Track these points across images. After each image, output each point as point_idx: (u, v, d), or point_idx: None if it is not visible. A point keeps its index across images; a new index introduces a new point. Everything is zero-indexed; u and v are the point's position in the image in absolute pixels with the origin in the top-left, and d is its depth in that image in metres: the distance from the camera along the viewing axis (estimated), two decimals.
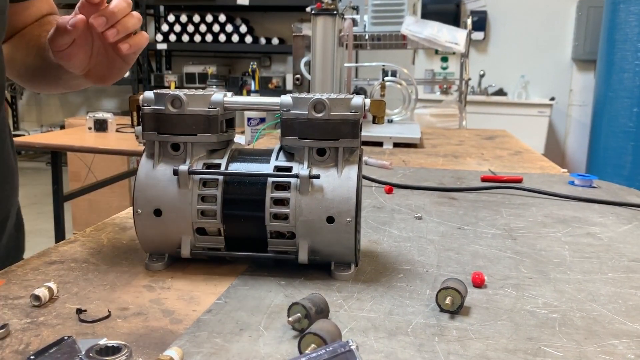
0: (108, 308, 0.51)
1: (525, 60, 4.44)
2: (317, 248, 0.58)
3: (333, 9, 1.51)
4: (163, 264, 0.61)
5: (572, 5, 4.34)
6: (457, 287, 0.52)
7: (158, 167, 0.60)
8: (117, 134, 2.48)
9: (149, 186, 0.59)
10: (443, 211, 0.88)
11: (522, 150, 1.57)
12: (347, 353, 0.38)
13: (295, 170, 0.58)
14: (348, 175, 0.58)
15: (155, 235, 0.60)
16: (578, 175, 1.11)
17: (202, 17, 4.48)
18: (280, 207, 0.57)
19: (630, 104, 3.35)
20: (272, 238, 0.59)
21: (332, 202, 0.57)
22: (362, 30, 1.95)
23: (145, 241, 0.61)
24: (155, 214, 0.59)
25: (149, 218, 0.59)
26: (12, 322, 0.48)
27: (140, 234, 0.60)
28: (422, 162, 1.34)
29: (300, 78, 1.88)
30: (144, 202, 0.59)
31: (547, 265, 0.65)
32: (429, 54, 4.47)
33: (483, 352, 0.45)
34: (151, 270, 0.61)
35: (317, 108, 0.57)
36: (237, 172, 0.59)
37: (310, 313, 0.46)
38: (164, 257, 0.61)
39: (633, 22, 3.30)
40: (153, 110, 0.59)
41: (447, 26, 1.92)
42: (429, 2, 3.93)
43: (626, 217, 0.87)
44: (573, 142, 4.57)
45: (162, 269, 0.61)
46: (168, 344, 0.45)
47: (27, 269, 0.61)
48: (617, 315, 0.52)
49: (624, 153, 3.40)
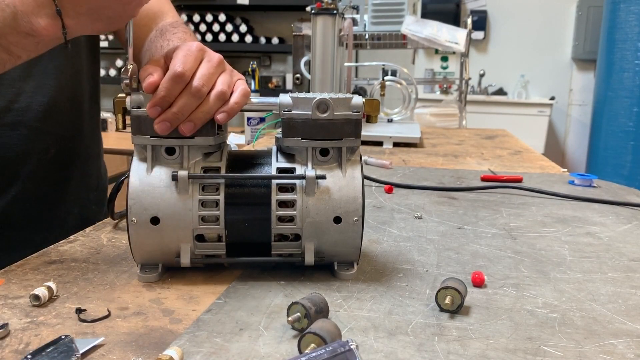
0: (108, 308, 0.51)
1: (525, 59, 4.44)
2: (323, 249, 0.58)
3: (333, 8, 1.51)
4: (157, 275, 0.58)
5: (572, 5, 4.34)
6: (457, 287, 0.52)
7: (153, 173, 0.56)
8: (117, 133, 2.49)
9: (145, 193, 0.55)
10: (443, 211, 0.88)
11: (522, 149, 1.57)
12: (347, 353, 0.38)
13: (298, 171, 0.58)
14: (353, 175, 0.58)
15: (151, 244, 0.56)
16: (578, 175, 1.11)
17: (202, 16, 4.48)
18: (285, 209, 0.57)
19: (630, 104, 3.34)
20: (276, 241, 0.58)
21: (339, 202, 0.57)
22: (362, 30, 1.94)
23: (139, 252, 0.57)
24: (152, 222, 0.55)
25: (145, 227, 0.55)
26: (12, 322, 0.48)
27: (134, 244, 0.56)
28: (422, 161, 1.34)
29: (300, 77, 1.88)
30: (140, 210, 0.55)
31: (547, 265, 0.65)
32: (429, 53, 4.47)
33: (483, 351, 0.45)
34: (145, 282, 0.58)
35: (321, 108, 0.57)
36: (241, 176, 0.58)
37: (309, 313, 0.46)
38: (157, 267, 0.58)
39: (633, 21, 3.30)
40: (145, 112, 0.55)
41: (447, 26, 1.92)
42: (429, 2, 3.93)
43: (626, 217, 0.87)
44: (573, 141, 4.57)
45: (156, 280, 0.58)
46: (168, 344, 0.45)
47: (27, 269, 0.61)
48: (616, 315, 0.52)
49: (623, 153, 3.40)
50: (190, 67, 0.55)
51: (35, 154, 0.82)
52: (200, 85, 0.55)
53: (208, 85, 0.55)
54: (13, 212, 0.82)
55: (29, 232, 0.84)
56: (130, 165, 0.57)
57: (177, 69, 0.54)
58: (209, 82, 0.55)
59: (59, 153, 0.86)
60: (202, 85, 0.55)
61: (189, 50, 0.56)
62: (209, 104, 0.55)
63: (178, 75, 0.54)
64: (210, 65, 0.56)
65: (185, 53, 0.56)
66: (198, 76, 0.55)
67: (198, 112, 0.55)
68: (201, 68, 0.56)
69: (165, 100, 0.54)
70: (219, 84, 0.56)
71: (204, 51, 0.58)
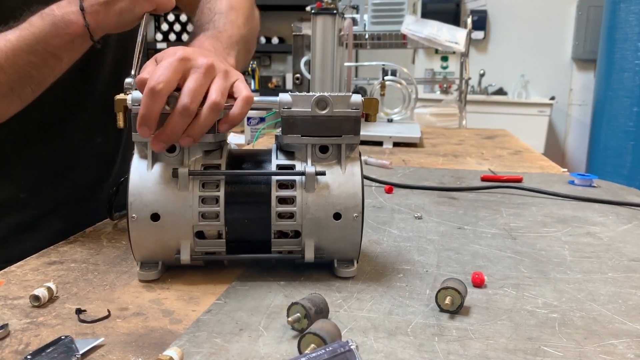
0: (107, 308, 0.51)
1: (525, 59, 4.44)
2: (323, 245, 0.58)
3: (333, 8, 1.51)
4: (157, 273, 0.58)
5: (572, 5, 4.34)
6: (457, 287, 0.52)
7: (153, 170, 0.57)
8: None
9: (145, 189, 0.56)
10: (443, 211, 0.88)
11: (522, 149, 1.57)
12: (347, 353, 0.38)
13: (298, 168, 0.58)
14: (352, 172, 0.58)
15: (151, 241, 0.56)
16: (578, 175, 1.11)
17: None
18: (285, 205, 0.57)
19: (630, 104, 3.34)
20: (276, 238, 0.58)
21: (339, 199, 0.57)
22: (362, 30, 1.94)
23: (139, 249, 0.57)
24: (152, 218, 0.56)
25: (146, 223, 0.56)
26: (12, 322, 0.48)
27: (134, 241, 0.57)
28: (422, 161, 1.34)
29: (300, 77, 1.88)
30: (140, 207, 0.55)
31: (547, 265, 0.65)
32: (428, 53, 4.47)
33: (483, 352, 0.45)
34: (144, 280, 0.58)
35: (320, 105, 0.57)
36: (241, 172, 0.58)
37: (310, 313, 0.46)
38: (157, 265, 0.59)
39: (633, 21, 3.30)
40: None
41: (447, 25, 1.92)
42: (429, 2, 3.93)
43: (626, 217, 0.87)
44: (573, 141, 4.57)
45: (157, 277, 0.58)
46: (168, 344, 0.45)
47: (27, 269, 0.61)
48: (617, 315, 0.52)
49: (623, 152, 3.40)
50: (166, 79, 0.52)
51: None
52: (187, 103, 0.52)
53: (196, 100, 0.53)
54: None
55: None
56: (130, 163, 0.57)
57: (151, 83, 0.52)
58: (196, 96, 0.53)
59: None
60: (189, 103, 0.52)
61: (169, 62, 0.53)
62: (202, 118, 0.54)
63: (151, 90, 0.52)
64: (198, 76, 0.54)
65: (165, 65, 0.53)
66: (184, 92, 0.53)
67: (193, 127, 0.54)
68: (188, 81, 0.53)
69: (147, 117, 0.53)
70: (212, 94, 0.54)
71: (187, 60, 0.54)
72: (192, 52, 0.55)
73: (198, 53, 0.56)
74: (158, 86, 0.52)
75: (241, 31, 0.78)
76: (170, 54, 0.55)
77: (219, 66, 0.56)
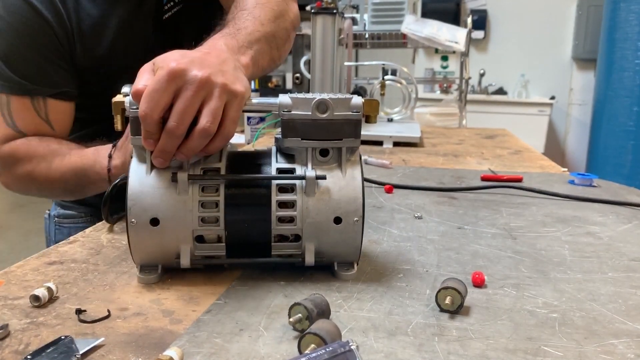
0: (108, 308, 0.51)
1: (525, 59, 4.44)
2: (323, 249, 0.58)
3: (333, 7, 1.51)
4: (157, 276, 0.58)
5: (572, 4, 4.34)
6: (457, 287, 0.52)
7: (152, 174, 0.56)
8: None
9: (144, 194, 0.55)
10: (443, 211, 0.88)
11: (522, 149, 1.57)
12: (347, 353, 0.38)
13: (298, 172, 0.57)
14: (352, 175, 0.58)
15: (151, 246, 0.56)
16: (578, 175, 1.11)
17: None
18: (286, 209, 0.57)
19: (630, 103, 3.35)
20: (276, 242, 0.58)
21: (339, 203, 0.57)
22: (362, 29, 1.95)
23: (139, 253, 0.57)
24: (151, 223, 0.55)
25: (145, 228, 0.55)
26: (12, 323, 0.48)
27: (134, 245, 0.56)
28: (422, 161, 1.34)
29: (300, 77, 1.88)
30: (140, 212, 0.55)
31: (547, 265, 0.65)
32: (429, 52, 4.47)
33: (483, 351, 0.45)
34: (144, 283, 0.57)
35: (321, 108, 0.57)
36: (241, 176, 0.58)
37: (312, 315, 0.46)
38: (157, 268, 0.58)
39: (633, 21, 3.30)
40: None
41: (447, 25, 1.92)
42: (429, 1, 3.93)
43: (626, 217, 0.87)
44: (573, 141, 4.57)
45: (156, 281, 0.58)
46: (168, 344, 0.45)
47: (27, 270, 0.61)
48: (617, 315, 0.52)
49: (624, 152, 3.40)
50: (154, 105, 0.51)
51: None
52: (174, 127, 0.52)
53: (185, 122, 0.52)
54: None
55: None
56: (129, 167, 0.57)
57: (140, 111, 0.52)
58: (185, 118, 0.52)
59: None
60: (175, 127, 0.52)
61: (158, 81, 0.52)
62: (191, 142, 0.53)
63: (142, 118, 0.52)
64: (188, 95, 0.52)
65: (155, 86, 0.52)
66: (172, 114, 0.52)
67: (184, 148, 0.54)
68: (177, 102, 0.52)
69: (147, 137, 0.54)
70: (202, 119, 0.53)
71: (179, 76, 0.52)
72: (189, 63, 0.53)
73: (196, 63, 0.53)
74: (147, 113, 0.52)
75: (265, 28, 0.75)
76: (167, 63, 0.53)
77: (216, 79, 0.53)
